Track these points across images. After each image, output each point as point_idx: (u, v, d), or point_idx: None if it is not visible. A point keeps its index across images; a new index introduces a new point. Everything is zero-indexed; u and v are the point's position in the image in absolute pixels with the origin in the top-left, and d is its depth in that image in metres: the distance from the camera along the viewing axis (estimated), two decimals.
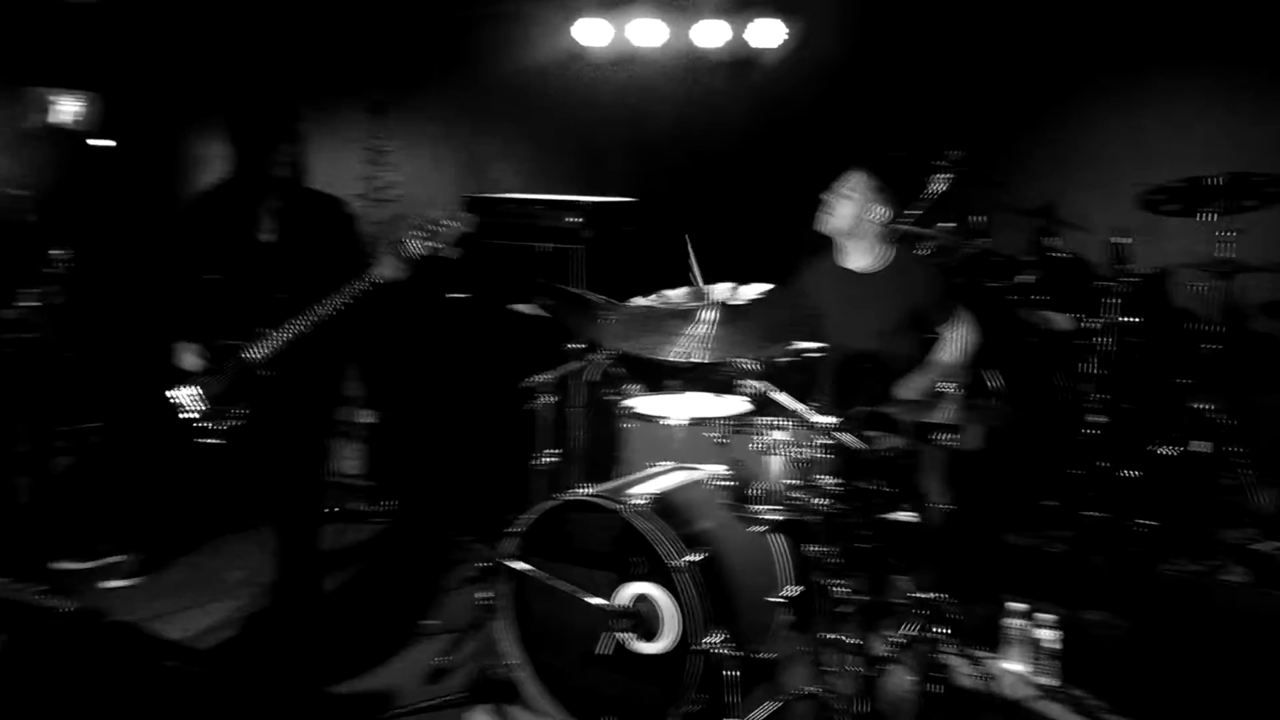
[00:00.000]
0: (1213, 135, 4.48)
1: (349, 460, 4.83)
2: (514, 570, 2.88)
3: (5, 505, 4.05)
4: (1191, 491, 3.96)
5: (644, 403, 3.39)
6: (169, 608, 3.70)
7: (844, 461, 2.77)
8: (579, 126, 5.61)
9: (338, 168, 6.23)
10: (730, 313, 2.83)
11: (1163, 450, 4.01)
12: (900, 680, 3.04)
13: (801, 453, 2.69)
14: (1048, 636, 3.21)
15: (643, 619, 2.70)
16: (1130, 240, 4.10)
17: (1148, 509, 3.81)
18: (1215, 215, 3.95)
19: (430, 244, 2.93)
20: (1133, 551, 3.65)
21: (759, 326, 2.90)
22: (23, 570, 3.57)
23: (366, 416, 4.75)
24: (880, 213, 3.46)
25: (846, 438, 2.68)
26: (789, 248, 3.89)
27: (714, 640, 2.62)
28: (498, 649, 2.94)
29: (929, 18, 4.99)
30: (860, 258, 3.53)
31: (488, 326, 4.39)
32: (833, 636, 2.85)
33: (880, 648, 3.14)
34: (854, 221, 3.46)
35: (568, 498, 2.84)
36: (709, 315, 2.82)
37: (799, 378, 3.92)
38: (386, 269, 3.02)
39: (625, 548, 2.73)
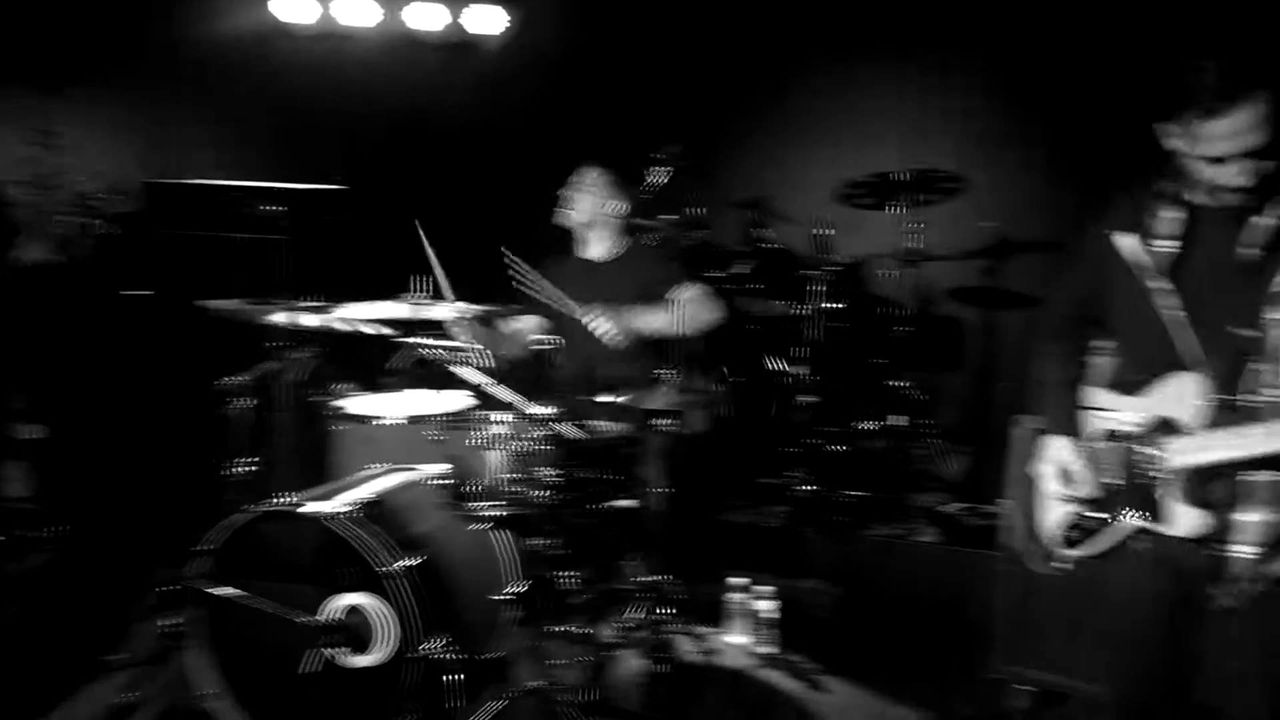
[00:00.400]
0: (905, 132, 4.87)
1: (12, 482, 4.23)
2: (207, 592, 2.61)
3: None
4: (890, 462, 4.29)
5: (356, 402, 3.19)
6: None
7: (564, 452, 2.74)
8: (284, 109, 5.25)
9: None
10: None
11: (865, 425, 4.31)
12: (629, 664, 3.07)
13: (520, 446, 2.62)
14: (765, 608, 3.35)
15: (354, 631, 2.53)
16: (831, 231, 4.37)
17: (853, 480, 4.08)
18: (903, 208, 4.28)
19: (84, 220, 2.57)
20: (840, 521, 3.88)
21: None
22: None
23: (32, 431, 4.17)
24: (617, 206, 3.58)
25: (565, 428, 2.64)
26: (514, 238, 3.84)
27: (433, 646, 2.50)
28: (191, 679, 2.66)
29: (648, 11, 5.09)
30: (598, 248, 3.64)
31: (174, 326, 3.98)
32: (560, 629, 2.82)
33: (608, 635, 3.16)
34: (592, 215, 3.58)
35: (264, 509, 2.60)
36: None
37: (535, 372, 3.88)
38: (33, 251, 2.62)
39: (332, 558, 2.54)
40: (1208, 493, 1.86)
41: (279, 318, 3.08)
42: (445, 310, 2.83)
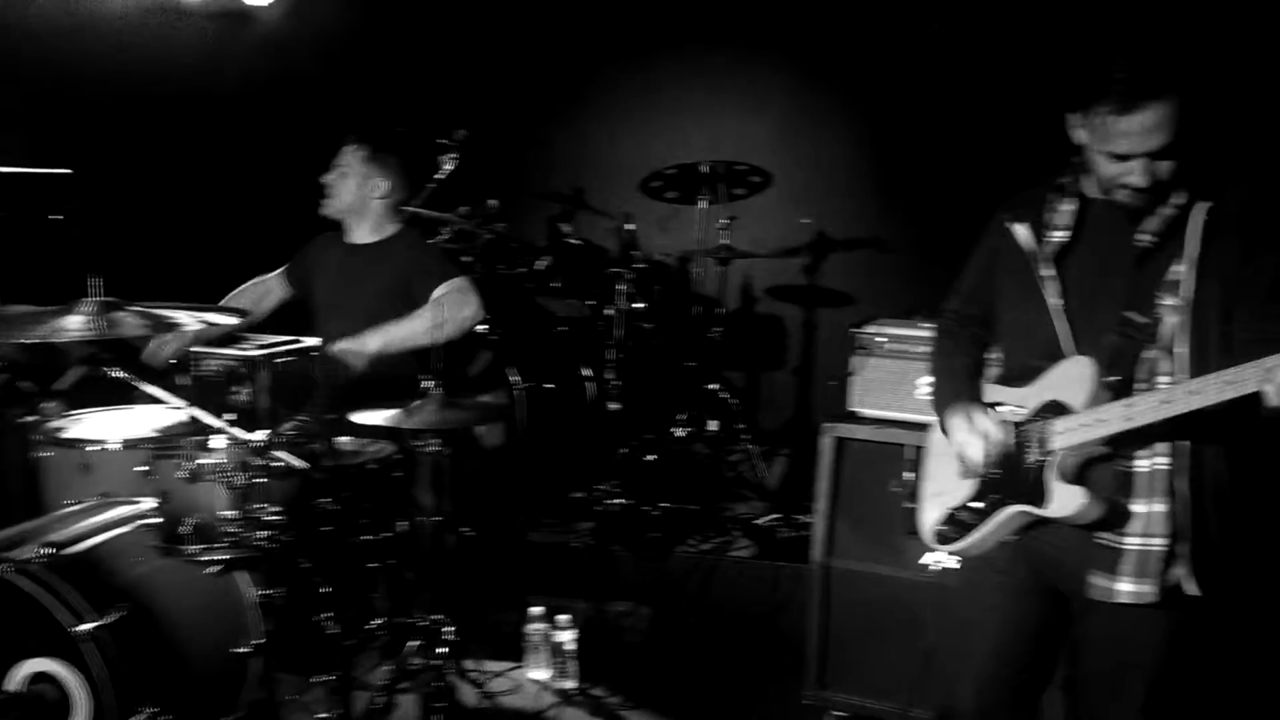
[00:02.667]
0: (719, 125, 4.69)
1: None
2: None
3: None
4: (704, 470, 4.08)
5: (71, 423, 2.68)
6: None
7: (309, 480, 2.35)
8: (20, 79, 4.57)
9: None
10: None
11: (677, 432, 4.08)
12: (407, 711, 2.71)
13: (240, 477, 2.20)
14: (567, 638, 3.05)
15: (41, 703, 2.06)
16: (635, 226, 4.12)
17: (665, 492, 3.83)
18: (708, 203, 4.08)
19: None
20: (651, 537, 3.63)
21: None
22: None
23: None
24: (380, 186, 3.20)
25: (286, 455, 2.24)
26: (283, 225, 3.45)
27: (142, 718, 2.06)
28: None
29: None
30: (365, 234, 3.26)
31: None
32: (323, 678, 2.44)
33: (381, 679, 2.79)
34: (355, 198, 3.20)
35: None
36: None
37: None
38: None
39: (14, 616, 2.06)
40: (1090, 473, 1.82)
41: None
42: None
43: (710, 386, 4.19)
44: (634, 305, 4.02)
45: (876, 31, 4.46)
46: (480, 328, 3.64)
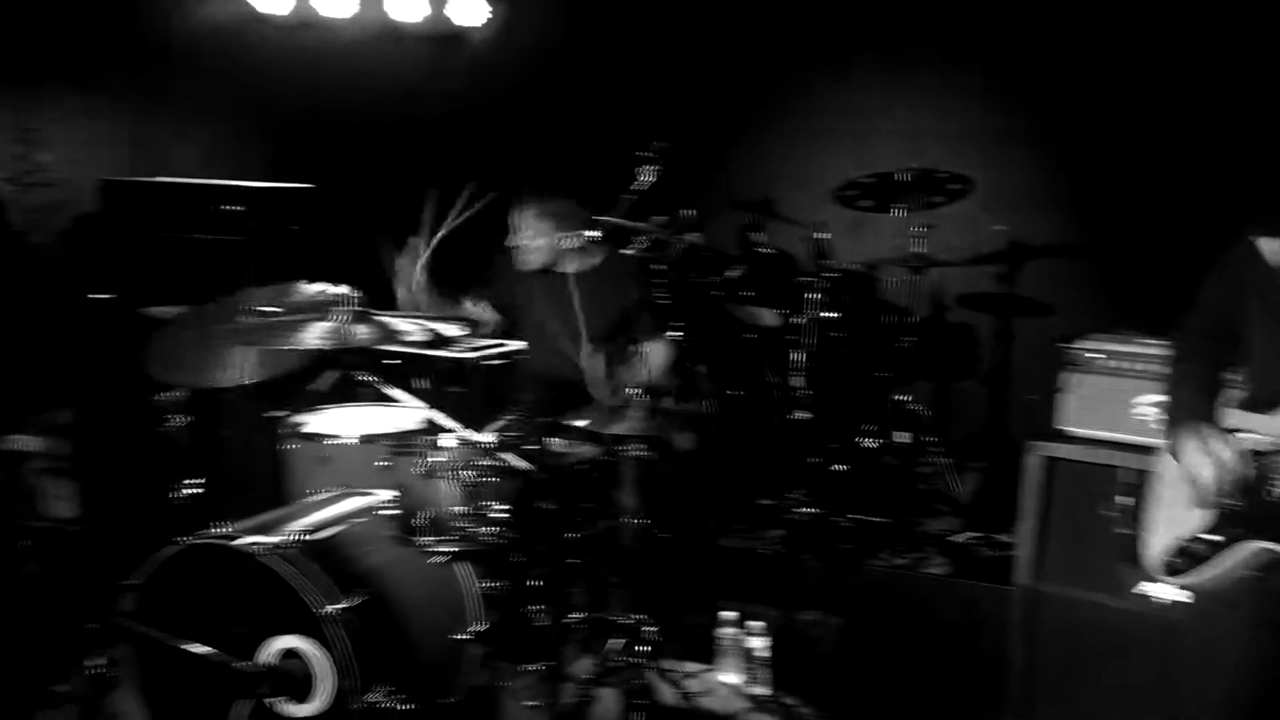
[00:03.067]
0: (916, 131, 4.60)
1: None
2: (135, 630, 2.36)
3: None
4: (895, 483, 4.01)
5: (313, 418, 2.93)
6: None
7: (530, 480, 2.49)
8: (262, 104, 5.02)
9: None
10: None
11: (867, 443, 4.03)
12: (608, 705, 2.81)
13: (470, 475, 2.35)
14: (759, 644, 3.08)
15: (290, 678, 2.27)
16: (829, 235, 4.10)
17: (856, 503, 3.80)
18: (906, 210, 4.01)
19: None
20: (842, 548, 3.60)
21: None
22: None
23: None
24: (572, 238, 3.24)
25: (514, 458, 2.38)
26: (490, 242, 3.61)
27: (378, 695, 2.23)
28: None
29: (640, 3, 4.85)
30: (569, 265, 3.34)
31: (130, 332, 3.75)
32: (533, 667, 2.57)
33: (585, 673, 2.90)
34: (548, 255, 3.26)
35: (195, 541, 2.35)
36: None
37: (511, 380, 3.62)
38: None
39: (267, 596, 2.28)
40: None
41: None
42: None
43: (900, 397, 4.12)
44: (825, 314, 4.00)
45: (1079, 36, 4.27)
46: (674, 335, 3.72)
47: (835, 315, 4.04)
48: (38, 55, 5.12)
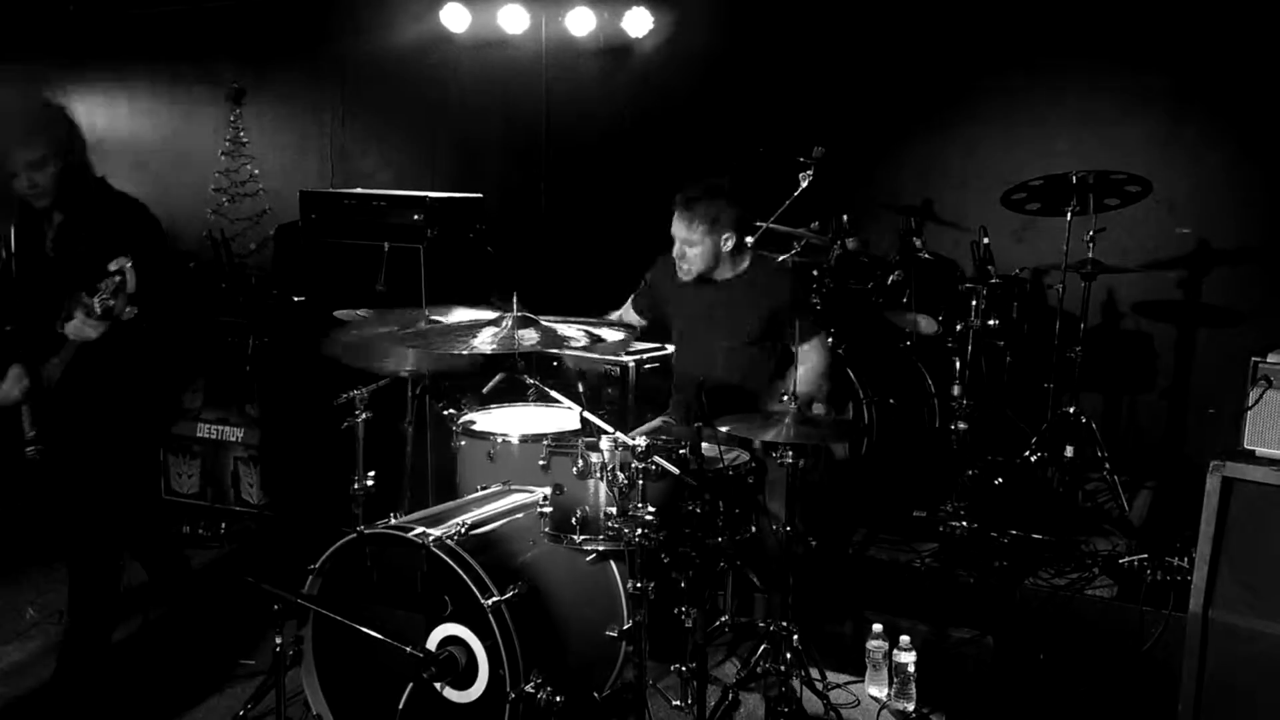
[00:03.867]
0: (1084, 133, 4.40)
1: (186, 478, 4.44)
2: (316, 611, 2.57)
3: None
4: (1057, 499, 3.85)
5: (479, 417, 3.10)
6: None
7: (673, 484, 2.54)
8: (446, 117, 5.33)
9: (196, 161, 5.92)
10: None
11: (1030, 456, 3.89)
12: (755, 711, 2.84)
13: (622, 477, 2.43)
14: (908, 659, 3.04)
15: (453, 664, 2.41)
16: (989, 240, 3.98)
17: (1015, 519, 3.67)
18: (1075, 214, 3.83)
19: (109, 301, 2.59)
20: (999, 565, 3.50)
21: None
22: None
23: (207, 431, 4.36)
24: (729, 239, 3.15)
25: (661, 460, 2.44)
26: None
27: (533, 685, 2.35)
28: (304, 698, 2.63)
29: (800, 8, 4.82)
30: (723, 272, 3.25)
31: (319, 333, 4.06)
32: (678, 668, 2.63)
33: (730, 677, 2.94)
34: (709, 260, 3.17)
35: (369, 530, 2.53)
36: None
37: (667, 383, 3.71)
38: (83, 328, 2.68)
39: (434, 585, 2.44)
40: None
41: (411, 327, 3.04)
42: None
43: (1067, 409, 3.95)
44: (987, 322, 3.88)
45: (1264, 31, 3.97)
46: (829, 341, 3.70)
47: (998, 323, 3.91)
48: (247, 76, 5.63)
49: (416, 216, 3.89)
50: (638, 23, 4.88)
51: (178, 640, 3.30)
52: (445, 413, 3.12)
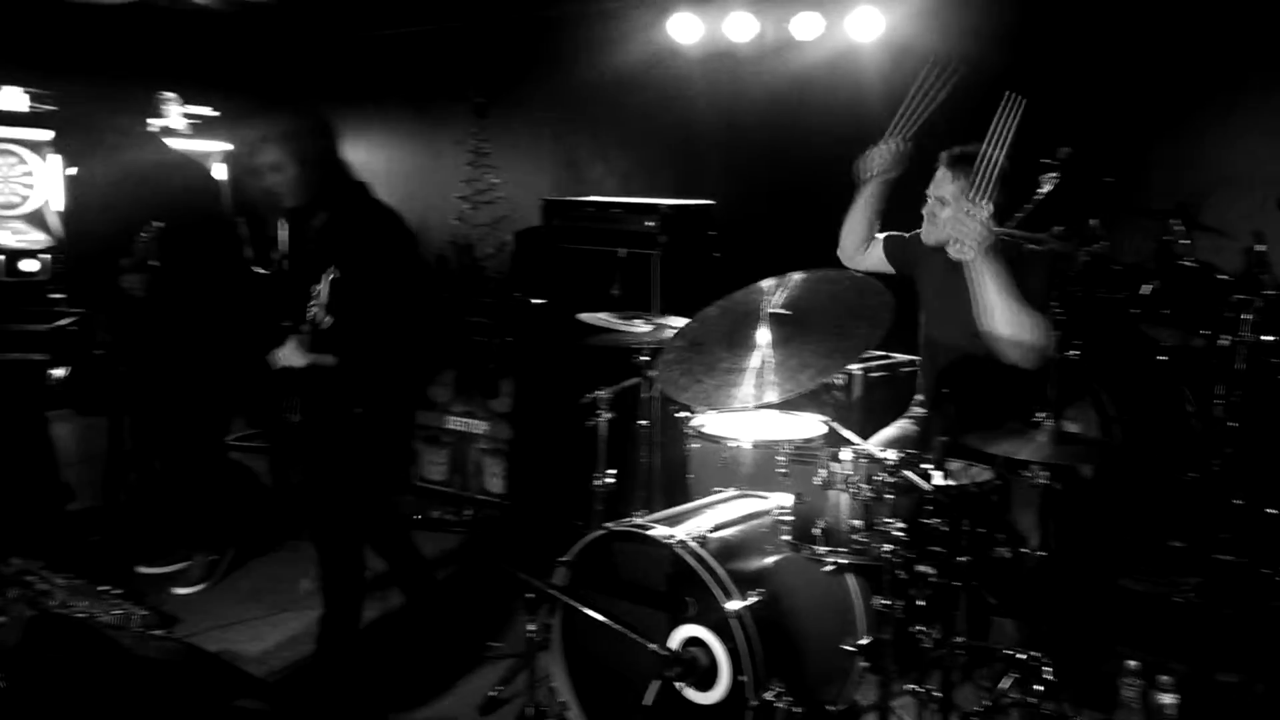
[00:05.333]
0: None
1: (435, 465, 4.77)
2: (564, 602, 2.70)
3: (109, 505, 4.10)
4: None
5: (713, 420, 3.15)
6: (236, 617, 3.68)
7: (923, 497, 2.48)
8: (671, 126, 5.43)
9: (442, 171, 6.34)
10: None
11: None
12: None
13: (866, 490, 2.41)
14: (1168, 700, 2.83)
15: (695, 666, 2.47)
16: (1265, 247, 3.62)
17: None
18: None
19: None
20: (1272, 604, 3.19)
21: None
22: (105, 572, 3.63)
23: (455, 423, 4.68)
24: (982, 209, 2.91)
25: (911, 475, 2.38)
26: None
27: (773, 694, 2.37)
28: (550, 683, 2.77)
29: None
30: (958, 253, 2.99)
31: (561, 335, 4.25)
32: (914, 688, 2.57)
33: (970, 703, 2.84)
34: (956, 224, 2.95)
35: (616, 528, 2.63)
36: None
37: (894, 392, 3.63)
38: (292, 356, 2.93)
39: (678, 585, 2.50)
40: None
41: (642, 331, 3.15)
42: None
43: None
44: (1261, 337, 3.55)
45: None
46: (1073, 354, 3.49)
47: (1274, 338, 3.56)
48: (488, 91, 5.95)
49: (650, 223, 4.00)
50: (860, 24, 4.75)
51: (427, 620, 3.51)
52: (679, 415, 3.20)
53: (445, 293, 5.07)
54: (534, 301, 4.53)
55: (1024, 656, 2.68)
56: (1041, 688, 2.66)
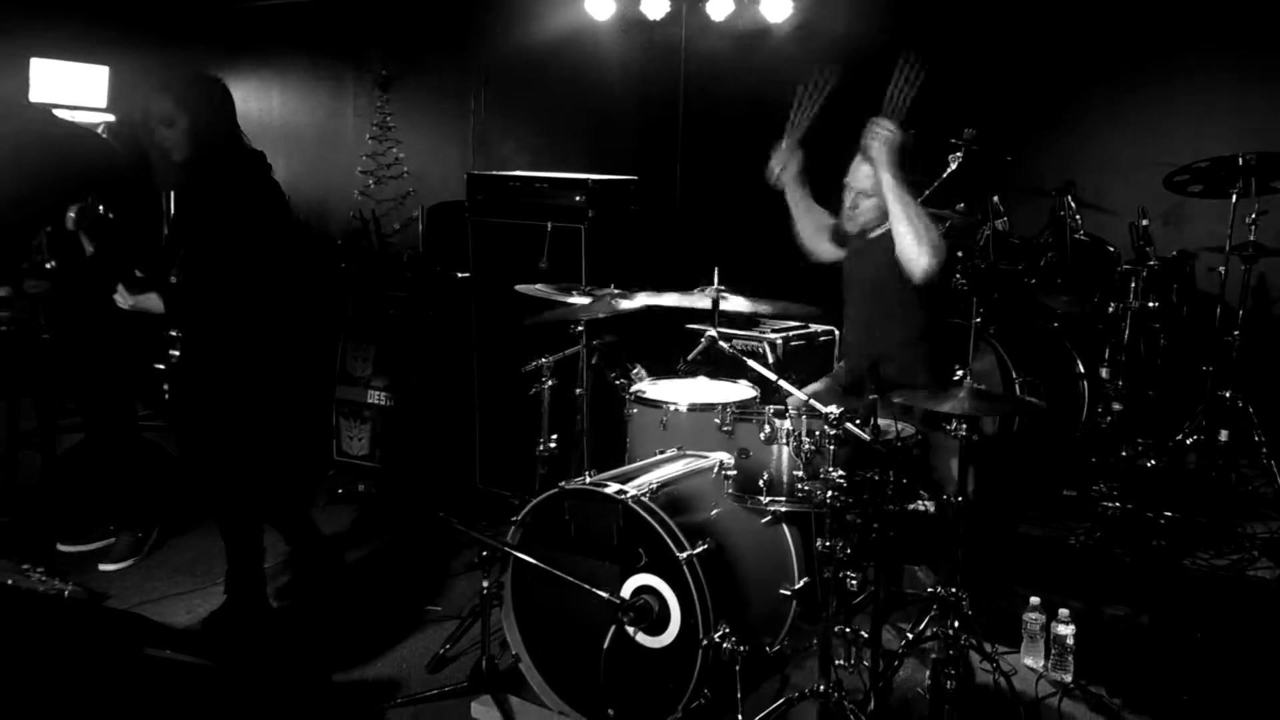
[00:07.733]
0: (1239, 115, 4.33)
1: (357, 440, 4.75)
2: (515, 559, 2.79)
3: (9, 485, 3.96)
4: (1215, 482, 3.84)
5: (649, 387, 3.29)
6: (165, 591, 3.62)
7: (853, 451, 2.67)
8: (584, 100, 5.49)
9: (344, 143, 6.22)
10: None
11: (1185, 439, 3.89)
12: (914, 675, 2.95)
13: (808, 443, 2.58)
14: (1067, 631, 3.10)
15: (647, 611, 2.60)
16: (1149, 222, 3.96)
17: (1171, 500, 3.69)
18: (1238, 197, 3.79)
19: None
20: (1156, 544, 3.52)
21: None
22: (24, 552, 3.53)
23: (376, 397, 4.67)
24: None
25: (852, 428, 2.57)
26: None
27: (719, 634, 2.52)
28: (501, 638, 2.85)
29: None
30: (864, 218, 3.28)
31: (492, 307, 4.30)
32: (844, 629, 2.76)
33: (893, 642, 3.05)
34: (881, 214, 3.22)
35: (569, 486, 2.73)
36: None
37: (812, 359, 3.83)
38: (120, 298, 3.01)
39: (629, 538, 2.63)
40: None
41: (581, 302, 3.24)
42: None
43: (1224, 393, 3.93)
44: (1146, 304, 3.89)
45: None
46: (977, 321, 3.76)
47: (1155, 305, 3.91)
48: (393, 64, 5.86)
49: (579, 198, 4.07)
50: (772, 6, 4.92)
51: (361, 588, 3.56)
52: (618, 382, 3.31)
53: (342, 265, 5.01)
54: (458, 275, 4.56)
55: (944, 594, 2.89)
56: (959, 623, 2.88)
